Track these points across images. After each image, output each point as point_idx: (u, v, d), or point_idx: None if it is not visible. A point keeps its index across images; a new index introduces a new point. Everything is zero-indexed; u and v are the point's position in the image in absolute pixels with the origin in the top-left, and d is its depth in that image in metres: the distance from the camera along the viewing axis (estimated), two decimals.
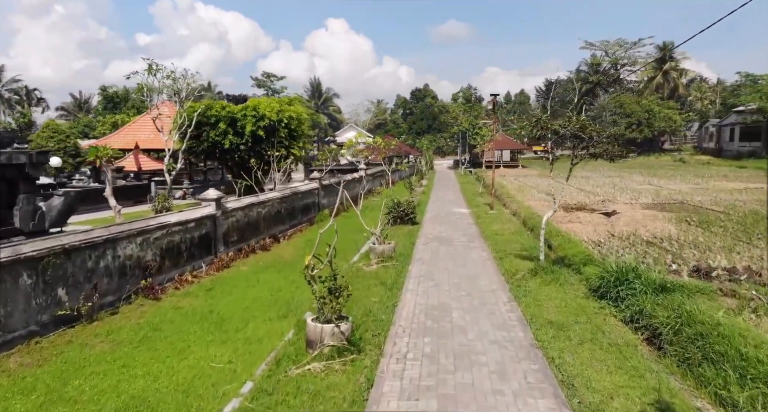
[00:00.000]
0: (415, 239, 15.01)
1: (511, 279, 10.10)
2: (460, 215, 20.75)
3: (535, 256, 12.29)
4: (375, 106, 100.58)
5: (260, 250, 14.90)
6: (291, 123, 19.35)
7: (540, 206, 21.99)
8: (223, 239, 13.29)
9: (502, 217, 19.38)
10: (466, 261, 11.88)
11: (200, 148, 18.59)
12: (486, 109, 63.71)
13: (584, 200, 24.18)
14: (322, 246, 7.44)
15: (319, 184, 21.34)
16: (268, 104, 18.52)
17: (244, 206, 14.56)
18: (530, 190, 29.45)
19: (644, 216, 18.34)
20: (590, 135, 9.33)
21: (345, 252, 14.21)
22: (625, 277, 8.53)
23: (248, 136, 18.05)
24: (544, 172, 46.43)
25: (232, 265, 13.05)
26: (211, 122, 18.01)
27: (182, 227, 11.55)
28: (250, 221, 14.92)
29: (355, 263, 11.79)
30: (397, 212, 17.66)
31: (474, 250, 13.29)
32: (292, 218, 18.15)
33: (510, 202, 22.69)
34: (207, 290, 10.68)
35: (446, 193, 30.31)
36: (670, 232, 15.34)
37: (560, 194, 11.36)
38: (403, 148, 52.91)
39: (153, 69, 16.05)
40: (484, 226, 17.28)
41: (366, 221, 16.11)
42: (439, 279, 10.14)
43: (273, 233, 16.28)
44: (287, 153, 19.45)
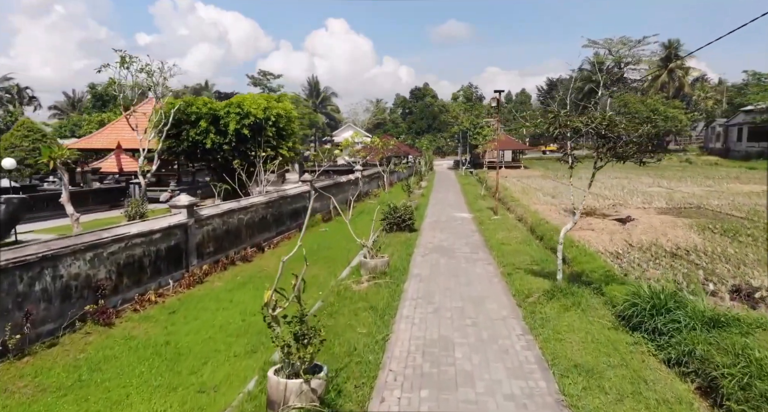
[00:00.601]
0: (413, 249, 13.54)
1: (523, 302, 8.63)
2: (462, 220, 19.28)
3: (548, 271, 10.83)
4: (374, 105, 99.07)
5: (241, 261, 13.45)
6: (279, 121, 17.89)
7: (547, 210, 20.52)
8: (196, 251, 11.83)
9: (507, 223, 17.91)
10: (471, 278, 10.41)
11: (180, 148, 17.15)
12: (489, 106, 62.17)
13: (593, 204, 22.71)
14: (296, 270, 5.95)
15: (310, 187, 19.89)
16: (254, 101, 17.07)
17: (222, 212, 13.10)
18: (535, 192, 27.97)
19: (662, 223, 16.87)
20: (618, 134, 7.86)
21: (335, 264, 12.78)
22: (664, 305, 7.07)
23: (232, 135, 16.60)
24: (548, 174, 44.94)
25: (206, 280, 11.59)
26: (191, 120, 16.57)
27: (145, 238, 10.09)
28: (229, 229, 13.45)
29: (343, 280, 10.32)
30: (394, 217, 16.20)
31: (478, 263, 11.82)
32: (279, 225, 16.68)
33: (515, 207, 21.23)
34: (170, 313, 9.22)
35: (447, 196, 28.85)
36: (694, 242, 13.88)
37: (581, 204, 9.85)
38: (402, 149, 51.44)
39: (126, 62, 14.59)
40: (489, 233, 15.81)
41: (359, 229, 14.65)
42: (440, 302, 8.67)
43: (257, 242, 14.81)
44: (275, 153, 17.99)
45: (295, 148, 19.96)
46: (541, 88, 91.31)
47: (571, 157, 8.96)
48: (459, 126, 58.39)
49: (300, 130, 73.34)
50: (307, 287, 11.33)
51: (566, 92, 78.05)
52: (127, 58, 14.44)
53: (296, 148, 20.19)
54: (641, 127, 7.67)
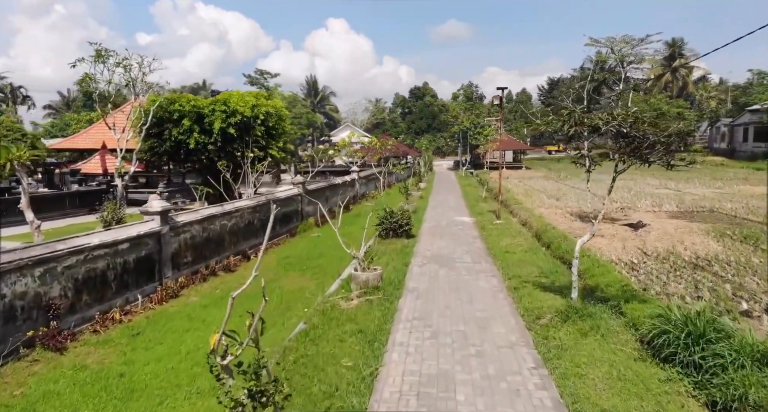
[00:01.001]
0: (410, 258, 12.48)
1: (534, 324, 7.57)
2: (463, 224, 18.22)
3: (558, 285, 9.78)
4: (373, 105, 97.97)
5: (223, 271, 12.39)
6: (269, 120, 16.83)
7: (552, 214, 19.46)
8: (171, 261, 10.77)
9: (511, 228, 16.85)
10: (473, 293, 9.34)
11: (162, 149, 16.09)
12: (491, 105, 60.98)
13: (600, 207, 21.64)
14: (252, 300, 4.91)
15: (302, 190, 18.83)
16: (241, 98, 16.01)
17: (203, 218, 12.03)
18: (538, 194, 26.91)
19: (676, 228, 15.81)
20: (644, 133, 6.80)
21: (325, 275, 11.71)
22: (701, 334, 6.01)
23: (217, 134, 15.54)
24: (550, 175, 43.86)
25: (182, 294, 10.54)
26: (174, 118, 15.51)
27: (109, 249, 9.03)
28: (210, 236, 12.39)
29: (331, 296, 9.25)
30: (390, 223, 15.13)
31: (481, 275, 10.75)
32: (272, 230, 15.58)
33: (518, 210, 20.17)
34: (133, 335, 8.16)
35: (447, 198, 27.78)
36: (714, 250, 12.83)
37: (601, 213, 8.78)
38: (400, 149, 50.40)
39: (101, 56, 13.54)
40: (491, 240, 14.74)
41: (353, 234, 13.57)
42: (439, 324, 7.61)
43: (242, 249, 13.76)
44: (264, 154, 16.95)
45: (287, 148, 18.89)
46: (542, 87, 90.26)
47: (589, 160, 7.88)
48: (459, 126, 57.31)
49: (298, 130, 72.33)
50: (293, 302, 10.31)
51: (567, 92, 77.01)
52: (103, 52, 13.41)
53: (288, 148, 19.11)
54: (672, 124, 6.61)
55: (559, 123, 7.48)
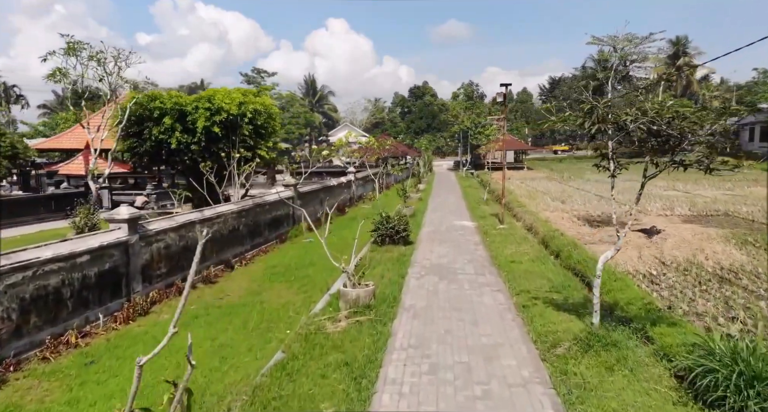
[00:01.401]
0: (406, 268, 11.40)
1: (549, 354, 6.50)
2: (464, 230, 17.15)
3: (572, 302, 8.73)
4: (372, 104, 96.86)
5: (202, 283, 11.33)
6: (257, 118, 15.76)
7: (559, 218, 18.40)
8: (142, 274, 9.71)
9: (516, 233, 15.79)
10: (477, 312, 8.28)
11: (142, 149, 15.03)
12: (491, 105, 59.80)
13: (608, 211, 20.58)
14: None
15: (294, 192, 17.77)
16: (227, 95, 14.95)
17: (179, 225, 10.96)
18: (542, 196, 25.84)
19: (694, 234, 14.75)
20: (682, 131, 5.74)
21: (314, 288, 10.63)
22: (758, 374, 4.95)
23: (201, 133, 14.48)
24: (553, 175, 42.79)
25: (152, 310, 9.48)
26: (154, 116, 14.45)
27: (65, 263, 7.97)
28: (189, 244, 11.33)
29: (316, 316, 8.18)
30: (386, 229, 14.07)
31: (486, 289, 9.68)
32: (254, 236, 14.56)
33: (522, 213, 19.10)
34: (86, 364, 7.10)
35: (447, 200, 26.72)
36: (739, 260, 11.78)
37: (628, 224, 7.73)
38: (399, 149, 49.34)
39: (73, 48, 12.48)
40: (495, 248, 13.68)
41: (347, 240, 12.53)
42: (438, 355, 6.54)
43: (225, 258, 12.70)
44: (252, 154, 15.89)
45: (278, 148, 17.81)
46: (544, 86, 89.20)
47: (614, 163, 6.82)
48: (459, 125, 56.21)
49: (296, 130, 71.26)
50: (276, 321, 9.20)
51: (568, 91, 75.83)
52: (75, 45, 12.35)
53: (279, 148, 18.00)
54: (717, 120, 5.56)
55: (578, 120, 6.42)
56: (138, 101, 14.52)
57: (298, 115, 69.46)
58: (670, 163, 6.23)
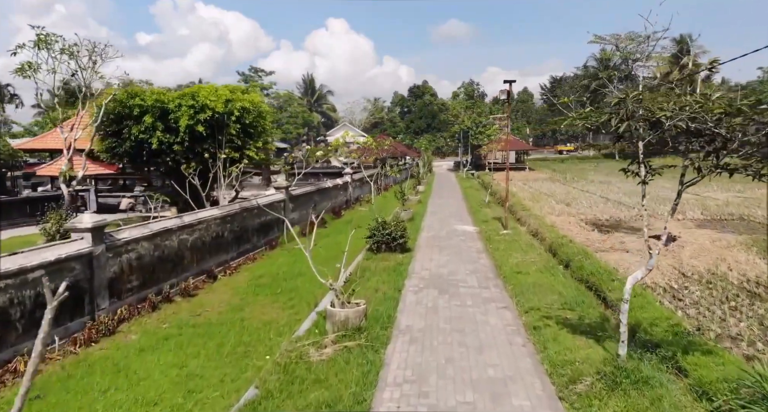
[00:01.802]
0: (403, 280, 10.43)
1: (568, 392, 5.54)
2: (465, 235, 16.18)
3: (589, 323, 7.77)
4: (371, 104, 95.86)
5: (180, 296, 10.36)
6: (245, 116, 14.79)
7: (566, 223, 17.43)
8: (109, 289, 8.75)
9: (520, 240, 14.82)
10: (482, 336, 7.32)
11: (122, 149, 14.06)
12: (492, 105, 59.13)
13: (617, 214, 19.65)
14: None
15: (285, 195, 16.81)
16: (213, 92, 13.99)
17: (154, 233, 9.99)
18: (546, 199, 24.88)
19: (712, 241, 13.79)
20: (731, 129, 4.78)
21: (302, 302, 9.67)
22: None
23: (184, 132, 13.50)
24: (556, 176, 41.84)
25: (120, 329, 8.51)
26: (134, 115, 13.49)
27: (14, 280, 7.01)
28: (165, 253, 10.37)
29: (299, 341, 7.20)
30: (382, 235, 13.11)
31: (491, 306, 8.72)
32: (241, 243, 13.59)
33: (526, 217, 18.13)
34: (31, 399, 6.11)
35: (447, 202, 25.74)
36: (764, 270, 10.81)
37: (662, 239, 6.75)
38: (398, 149, 48.35)
39: (44, 41, 11.53)
40: (499, 255, 12.71)
41: (338, 248, 11.57)
42: (438, 392, 5.58)
43: (207, 268, 11.74)
44: (240, 155, 14.92)
45: (268, 148, 16.84)
46: (545, 86, 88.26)
47: (644, 168, 5.86)
48: (460, 125, 55.18)
49: (294, 130, 70.29)
50: (255, 343, 8.13)
51: (570, 91, 74.80)
52: (45, 37, 11.39)
53: (269, 148, 17.04)
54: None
55: (602, 116, 5.46)
56: (117, 98, 13.56)
57: (296, 115, 68.51)
58: (714, 167, 5.24)
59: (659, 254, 12.01)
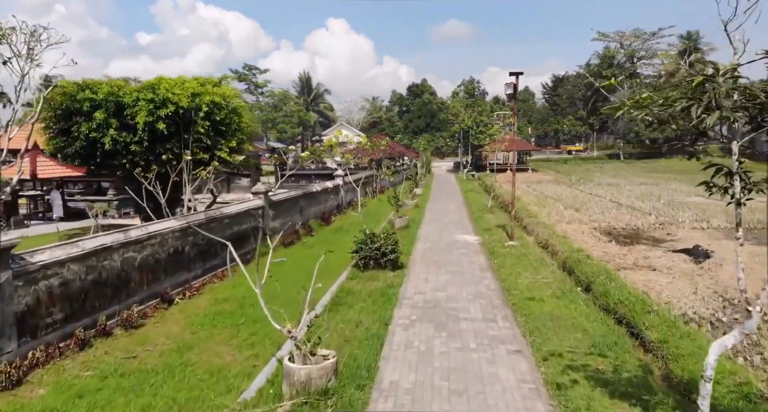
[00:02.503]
0: (392, 311, 8.61)
1: None
2: (466, 247, 14.36)
3: (629, 377, 5.98)
4: (370, 103, 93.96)
5: (122, 328, 8.55)
6: (216, 112, 12.98)
7: (578, 233, 15.63)
8: (17, 326, 6.94)
9: (529, 253, 13.01)
10: (491, 402, 5.50)
11: (71, 149, 12.25)
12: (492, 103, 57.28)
13: (632, 221, 17.84)
14: None
15: (265, 202, 14.98)
16: (177, 84, 12.19)
17: (86, 253, 8.17)
18: (553, 204, 23.06)
19: (752, 257, 11.96)
20: None
21: (267, 337, 7.89)
22: None
23: (142, 130, 11.70)
24: (560, 178, 40.03)
25: (29, 379, 6.71)
26: (85, 110, 11.70)
27: None
28: (103, 276, 8.55)
29: (245, 410, 5.37)
30: (370, 250, 11.30)
31: (500, 350, 6.90)
32: (208, 258, 11.78)
33: (534, 226, 16.31)
34: None
35: (446, 207, 23.91)
36: None
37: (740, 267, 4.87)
38: (396, 149, 46.57)
39: None
40: (507, 274, 10.90)
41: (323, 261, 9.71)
42: None
43: (161, 290, 9.91)
44: (210, 156, 13.12)
45: (243, 148, 15.02)
46: (546, 85, 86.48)
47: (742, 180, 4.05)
48: (460, 124, 53.35)
49: (289, 129, 68.47)
50: (190, 406, 5.87)
51: (572, 90, 72.92)
52: None
53: (245, 148, 15.20)
54: None
55: (676, 104, 3.67)
56: (66, 91, 11.75)
57: (292, 114, 66.68)
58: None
59: (700, 274, 10.14)
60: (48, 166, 19.73)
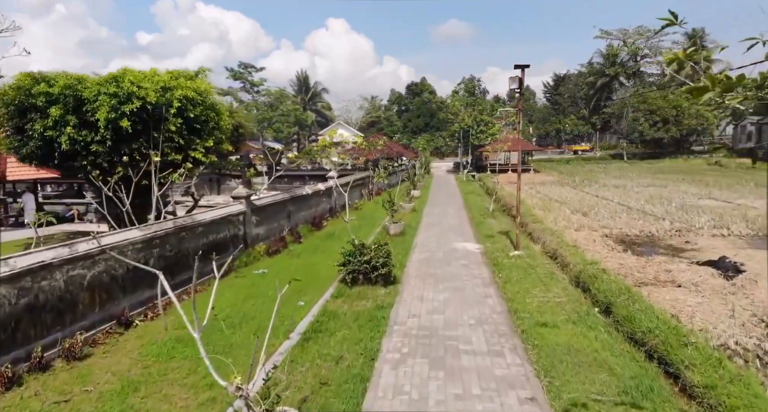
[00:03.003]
0: (380, 340, 7.34)
1: None
2: (467, 257, 13.08)
3: None
4: (368, 102, 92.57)
5: (63, 359, 7.28)
6: (190, 109, 11.69)
7: (589, 240, 14.36)
8: None
9: (537, 265, 11.74)
10: None
11: (27, 149, 10.95)
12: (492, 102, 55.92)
13: (645, 227, 16.57)
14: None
15: (247, 207, 13.72)
16: (145, 77, 10.92)
17: (15, 274, 6.88)
18: (559, 207, 21.78)
19: None
20: None
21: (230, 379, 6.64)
22: None
23: (104, 128, 10.42)
24: (563, 179, 38.72)
25: None
26: (40, 105, 10.41)
27: None
28: (41, 299, 7.28)
29: None
30: (359, 263, 10.03)
31: (510, 398, 5.64)
32: (177, 272, 10.52)
33: (540, 233, 15.03)
34: None
35: (445, 211, 22.62)
36: None
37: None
38: (394, 149, 45.28)
39: None
40: (513, 292, 9.63)
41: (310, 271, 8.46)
42: None
43: (117, 311, 8.64)
44: (183, 157, 11.83)
45: (222, 148, 13.70)
46: (548, 84, 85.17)
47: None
48: (460, 123, 52.03)
49: (286, 129, 67.13)
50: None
51: (574, 88, 71.70)
52: None
53: (223, 149, 13.88)
54: None
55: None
56: (18, 85, 10.47)
57: (288, 113, 65.35)
58: None
59: (733, 291, 8.83)
60: (19, 168, 18.44)
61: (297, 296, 10.12)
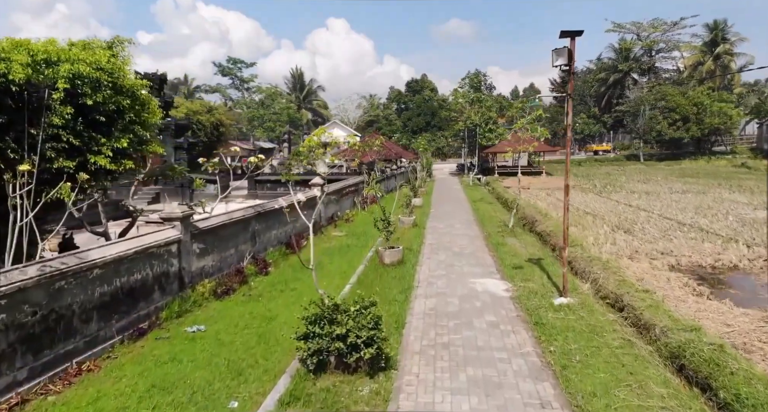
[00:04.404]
0: None
1: None
2: (494, 310, 9.23)
3: None
4: (366, 101, 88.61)
5: None
6: (87, 94, 7.90)
7: (655, 276, 10.52)
8: None
9: (601, 327, 7.90)
10: None
11: None
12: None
13: (711, 249, 12.76)
14: None
15: (183, 231, 9.88)
16: (16, 46, 7.16)
17: None
18: (592, 221, 17.91)
19: None
20: None
21: None
22: None
23: None
24: (581, 183, 34.79)
25: None
26: None
27: None
28: None
29: None
30: (329, 340, 6.17)
31: None
32: (53, 342, 6.67)
33: (583, 262, 11.18)
34: None
35: (453, 226, 18.73)
36: None
37: None
38: (393, 150, 41.45)
39: None
40: (585, 392, 5.78)
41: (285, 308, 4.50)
42: None
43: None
44: (80, 163, 8.04)
45: (145, 150, 9.77)
46: (555, 80, 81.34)
47: None
48: (464, 122, 48.13)
49: (277, 127, 63.27)
50: None
51: (583, 86, 67.81)
52: None
53: (144, 151, 9.88)
54: None
55: None
56: None
57: (281, 112, 61.52)
58: None
59: None
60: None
61: (231, 386, 6.33)
